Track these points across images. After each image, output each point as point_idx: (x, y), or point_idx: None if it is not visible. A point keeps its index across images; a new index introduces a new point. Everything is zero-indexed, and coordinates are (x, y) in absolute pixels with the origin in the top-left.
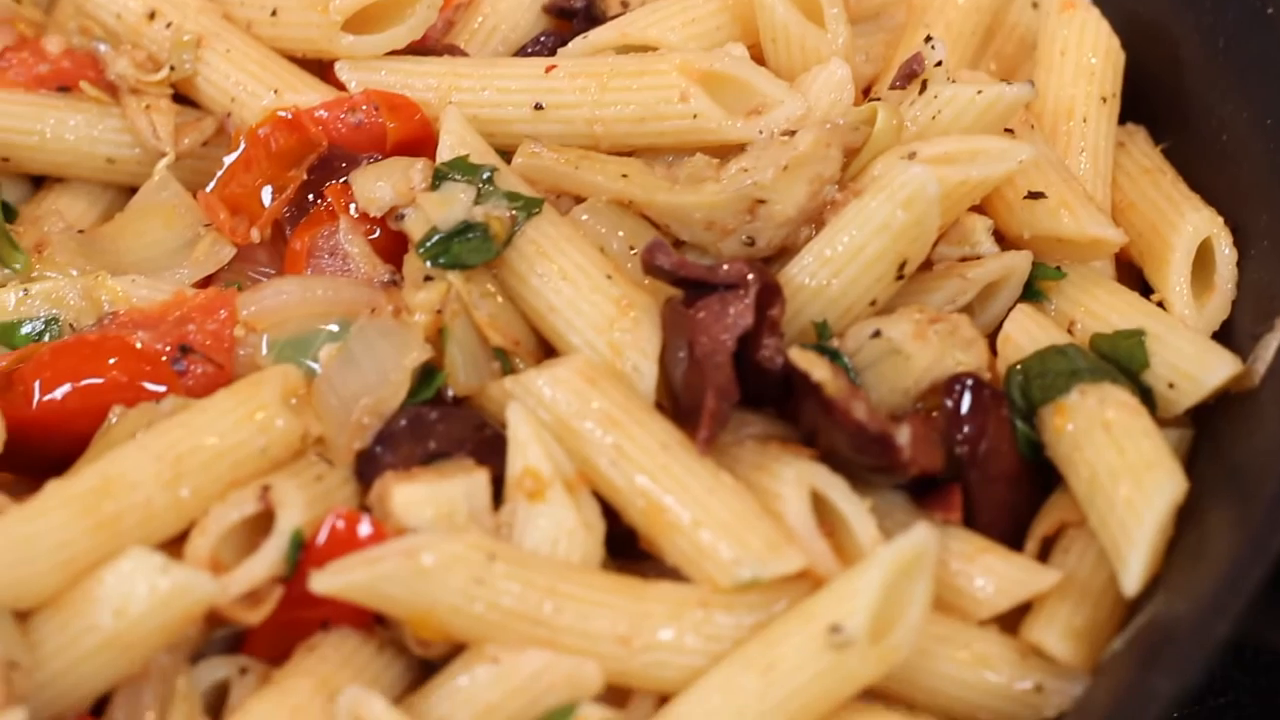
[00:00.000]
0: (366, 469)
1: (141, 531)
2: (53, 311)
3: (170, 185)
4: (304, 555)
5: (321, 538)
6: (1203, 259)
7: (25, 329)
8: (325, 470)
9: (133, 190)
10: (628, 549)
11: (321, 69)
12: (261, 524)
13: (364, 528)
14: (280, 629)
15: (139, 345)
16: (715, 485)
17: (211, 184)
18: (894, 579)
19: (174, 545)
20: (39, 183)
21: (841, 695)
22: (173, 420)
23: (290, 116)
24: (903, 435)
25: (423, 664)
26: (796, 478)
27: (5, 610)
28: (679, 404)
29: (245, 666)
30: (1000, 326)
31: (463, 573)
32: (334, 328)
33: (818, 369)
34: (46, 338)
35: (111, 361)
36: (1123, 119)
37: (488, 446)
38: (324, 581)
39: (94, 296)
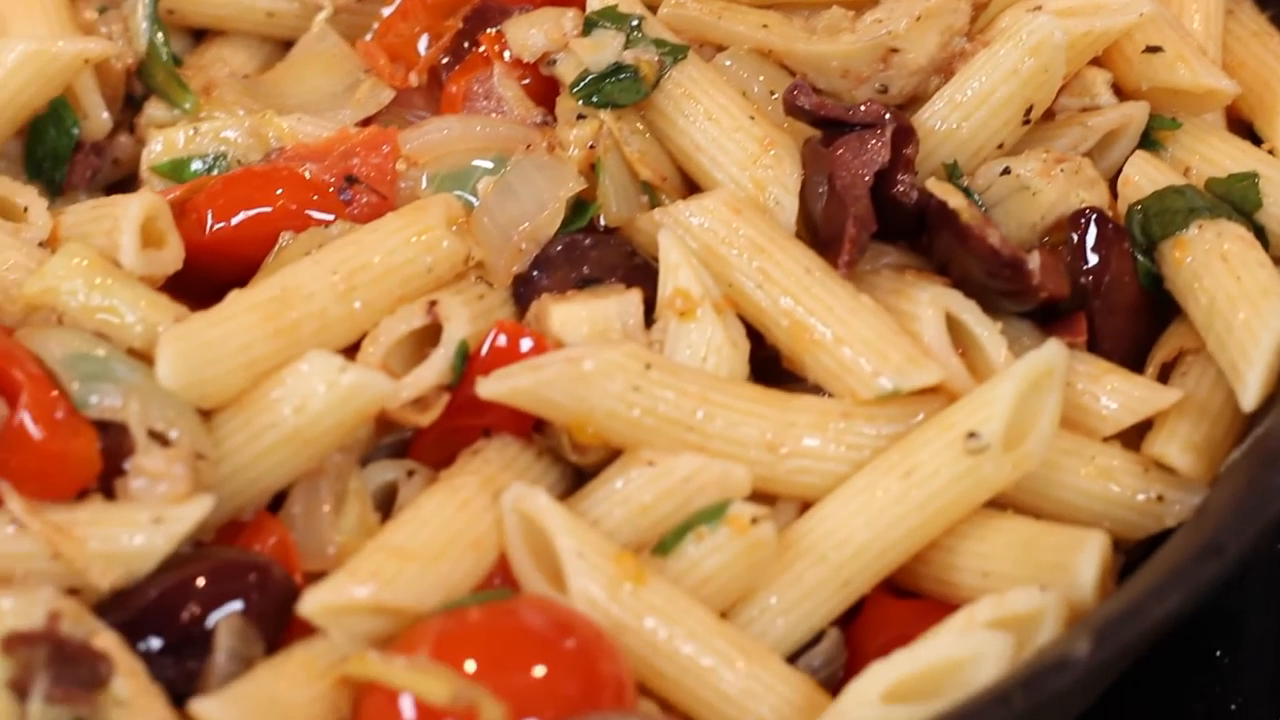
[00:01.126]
0: (524, 291)
1: (318, 339)
2: (221, 148)
3: (329, 36)
4: (469, 366)
5: (485, 350)
6: None
7: (194, 165)
8: (486, 290)
9: (289, 44)
10: (770, 374)
11: None
12: (427, 338)
13: (525, 341)
14: (445, 436)
15: (307, 176)
16: (856, 305)
17: (369, 34)
18: (1026, 391)
19: (346, 355)
20: (199, 37)
21: (975, 500)
22: (344, 239)
23: None
24: (1033, 260)
25: (577, 474)
26: (932, 300)
27: (192, 407)
28: (818, 236)
29: (412, 469)
30: (1118, 175)
31: (621, 379)
32: (489, 164)
33: (954, 197)
34: (215, 173)
35: (280, 191)
36: None
37: (637, 273)
38: (490, 386)
39: (261, 134)
